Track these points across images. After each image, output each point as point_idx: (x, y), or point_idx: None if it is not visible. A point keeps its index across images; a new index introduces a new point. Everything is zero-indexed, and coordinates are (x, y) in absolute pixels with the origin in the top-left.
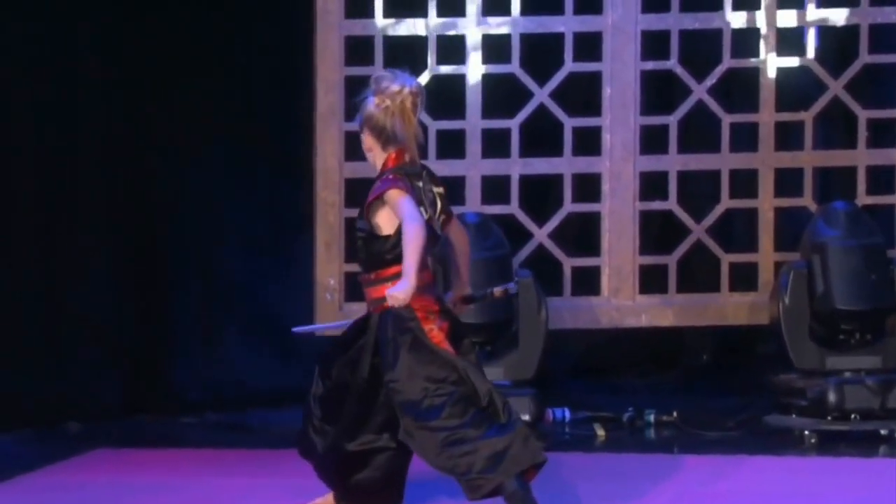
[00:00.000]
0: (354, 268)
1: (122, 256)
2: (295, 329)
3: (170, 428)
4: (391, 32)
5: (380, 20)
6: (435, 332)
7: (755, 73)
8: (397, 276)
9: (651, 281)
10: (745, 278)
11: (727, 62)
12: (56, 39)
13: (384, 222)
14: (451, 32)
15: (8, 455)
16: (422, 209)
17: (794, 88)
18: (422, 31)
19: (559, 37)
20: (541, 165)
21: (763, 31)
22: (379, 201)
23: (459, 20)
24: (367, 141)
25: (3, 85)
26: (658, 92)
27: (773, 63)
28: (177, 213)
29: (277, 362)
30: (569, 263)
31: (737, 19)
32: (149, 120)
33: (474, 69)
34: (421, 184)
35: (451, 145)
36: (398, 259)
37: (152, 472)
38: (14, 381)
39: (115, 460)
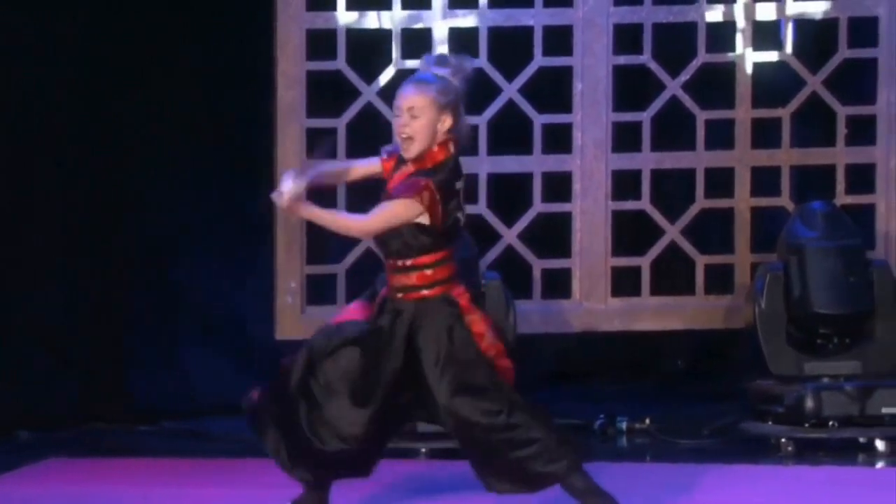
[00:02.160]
0: (315, 270)
1: (75, 260)
2: None
3: (125, 436)
4: (354, 25)
5: (342, 13)
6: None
7: (731, 69)
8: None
9: (624, 283)
10: (720, 281)
11: (702, 57)
12: (4, 36)
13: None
14: (417, 26)
15: None
16: (459, 214)
17: (772, 84)
18: (386, 25)
19: (528, 30)
20: (509, 164)
21: (739, 24)
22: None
23: (425, 13)
24: (431, 123)
25: None
26: (631, 87)
27: (749, 58)
28: (131, 215)
29: (235, 369)
30: (538, 265)
31: (712, 12)
32: (100, 119)
33: None
34: (460, 184)
35: None
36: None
37: (107, 482)
38: None
39: (68, 470)
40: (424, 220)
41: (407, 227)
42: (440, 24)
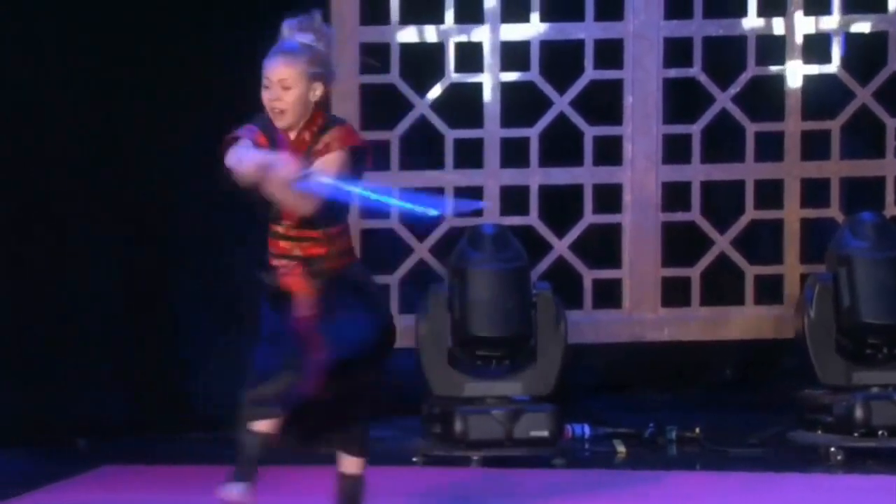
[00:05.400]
0: None
1: (130, 268)
2: None
3: (180, 444)
4: (407, 39)
5: (395, 27)
6: None
7: (780, 81)
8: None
9: (674, 294)
10: (770, 291)
11: (752, 70)
12: (52, 45)
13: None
14: (469, 39)
15: (15, 473)
16: None
17: (821, 97)
18: (439, 38)
19: (580, 44)
20: (561, 175)
21: (788, 38)
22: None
23: (477, 27)
24: (303, 94)
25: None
26: (681, 100)
27: (798, 71)
28: (186, 224)
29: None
30: (589, 276)
31: (762, 26)
32: (152, 129)
33: (492, 77)
34: None
35: (469, 155)
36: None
37: (161, 490)
38: (21, 397)
39: (124, 477)
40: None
41: None
42: (492, 37)
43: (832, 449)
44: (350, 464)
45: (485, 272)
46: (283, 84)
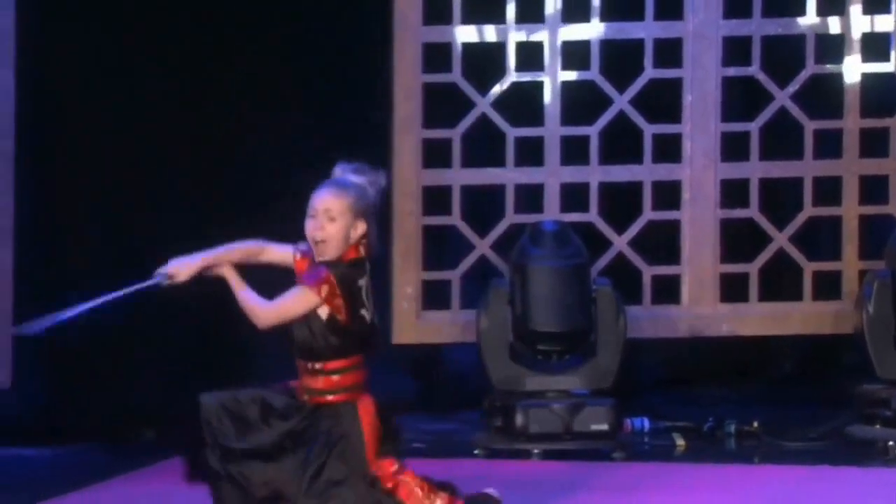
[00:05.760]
0: (432, 276)
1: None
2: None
3: None
4: (469, 39)
5: (458, 27)
6: None
7: (839, 79)
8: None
9: (732, 289)
10: (829, 287)
11: (811, 68)
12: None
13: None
14: (530, 39)
15: (83, 464)
16: (363, 311)
17: (879, 94)
18: (500, 38)
19: (639, 43)
20: (620, 173)
21: (846, 36)
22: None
23: (538, 26)
24: (345, 228)
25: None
26: (740, 98)
27: (857, 68)
28: (247, 223)
29: None
30: (648, 272)
31: (820, 24)
32: (212, 129)
33: (553, 76)
34: (363, 282)
35: (530, 153)
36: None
37: None
38: (89, 390)
39: None
40: (323, 313)
41: (317, 326)
42: (553, 37)
43: (890, 443)
44: None
45: (545, 268)
46: (329, 215)
